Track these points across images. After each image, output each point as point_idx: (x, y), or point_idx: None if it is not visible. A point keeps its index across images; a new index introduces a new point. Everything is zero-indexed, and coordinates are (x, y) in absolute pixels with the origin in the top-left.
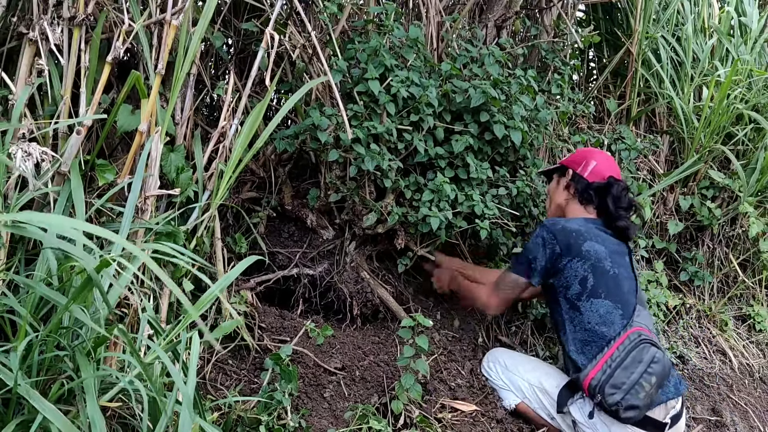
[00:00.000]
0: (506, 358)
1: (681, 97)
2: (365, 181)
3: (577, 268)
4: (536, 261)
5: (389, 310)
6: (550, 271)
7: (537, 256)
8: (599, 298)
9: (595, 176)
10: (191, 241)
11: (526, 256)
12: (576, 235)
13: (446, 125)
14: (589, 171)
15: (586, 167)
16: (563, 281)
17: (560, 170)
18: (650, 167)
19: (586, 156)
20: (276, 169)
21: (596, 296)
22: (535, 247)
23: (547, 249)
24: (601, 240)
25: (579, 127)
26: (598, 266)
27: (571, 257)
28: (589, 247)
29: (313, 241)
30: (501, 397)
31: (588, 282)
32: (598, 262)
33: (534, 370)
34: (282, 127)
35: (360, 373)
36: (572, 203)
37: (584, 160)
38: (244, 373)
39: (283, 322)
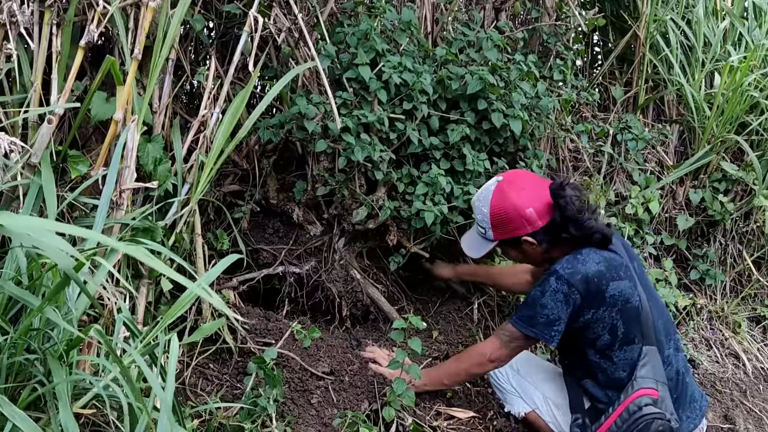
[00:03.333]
0: (519, 362)
1: (691, 83)
2: (355, 173)
3: (604, 317)
4: (560, 321)
5: (380, 311)
6: (572, 327)
7: (561, 316)
8: (632, 344)
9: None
10: (170, 237)
11: (545, 315)
12: (598, 281)
13: (441, 114)
14: (536, 218)
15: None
16: (589, 333)
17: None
18: (659, 159)
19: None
20: (260, 161)
21: (629, 342)
22: (556, 304)
23: (570, 305)
24: (623, 269)
25: (583, 115)
26: (626, 308)
27: (595, 308)
28: (614, 290)
29: (300, 238)
30: (507, 402)
31: (618, 330)
32: (626, 303)
33: (550, 380)
34: (266, 116)
35: (349, 378)
36: (566, 247)
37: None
38: (226, 377)
39: (268, 324)
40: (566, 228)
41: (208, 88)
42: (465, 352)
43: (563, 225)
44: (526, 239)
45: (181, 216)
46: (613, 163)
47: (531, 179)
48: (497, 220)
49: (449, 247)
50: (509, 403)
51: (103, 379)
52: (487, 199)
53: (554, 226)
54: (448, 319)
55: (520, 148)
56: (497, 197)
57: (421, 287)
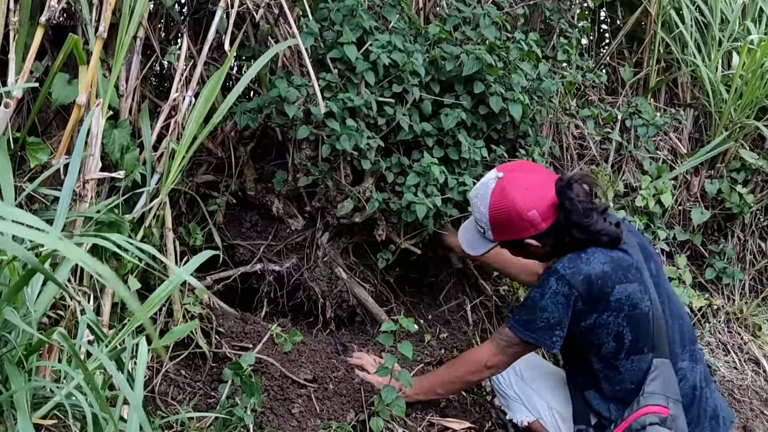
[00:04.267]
0: (523, 366)
1: (707, 64)
2: (340, 162)
3: (609, 323)
4: (561, 326)
5: (368, 313)
6: (572, 332)
7: (562, 320)
8: (641, 354)
9: (549, 216)
10: (138, 231)
11: (545, 319)
12: (602, 283)
13: (434, 97)
14: (540, 221)
15: (534, 224)
16: (592, 339)
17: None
18: (671, 146)
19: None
20: (236, 149)
21: (637, 352)
22: (556, 307)
23: (570, 307)
24: (632, 271)
25: (589, 99)
26: (634, 314)
27: (598, 313)
28: (620, 294)
29: (280, 232)
30: (510, 409)
31: (625, 337)
32: (634, 308)
33: (556, 388)
34: (243, 100)
35: (334, 385)
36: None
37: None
38: (200, 385)
39: (245, 326)
40: (570, 231)
41: (179, 69)
42: (459, 358)
43: (567, 228)
44: (529, 242)
45: (150, 209)
46: (622, 151)
47: (534, 175)
48: (497, 222)
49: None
50: (511, 411)
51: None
52: (486, 197)
53: (558, 227)
54: (442, 322)
55: (520, 134)
56: (497, 197)
57: (413, 287)
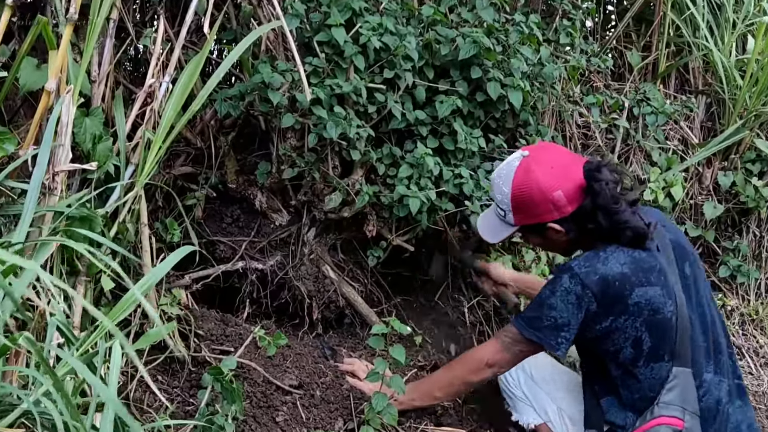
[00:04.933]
0: (534, 366)
1: (721, 48)
2: (327, 152)
3: (626, 327)
4: (569, 327)
5: (357, 314)
6: (585, 336)
7: (570, 320)
8: (661, 361)
9: (575, 200)
10: (111, 227)
11: (552, 317)
12: (620, 285)
13: (428, 83)
14: (566, 204)
15: (558, 206)
16: (608, 345)
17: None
18: (682, 135)
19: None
20: (216, 138)
21: (657, 359)
22: (566, 306)
23: (583, 310)
24: (654, 273)
25: (593, 85)
26: (655, 320)
27: (614, 316)
28: (639, 297)
29: (263, 228)
30: (516, 410)
31: (644, 344)
32: (654, 313)
33: (567, 391)
34: (224, 86)
35: (321, 392)
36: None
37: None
38: (177, 391)
39: (226, 329)
40: (595, 217)
41: (156, 53)
42: (459, 358)
43: (592, 213)
44: (552, 226)
45: (124, 203)
46: (629, 141)
47: (562, 155)
48: (519, 203)
49: (437, 238)
50: (518, 412)
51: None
52: (509, 177)
53: (584, 212)
54: (438, 324)
55: (520, 123)
56: (521, 176)
57: (406, 286)
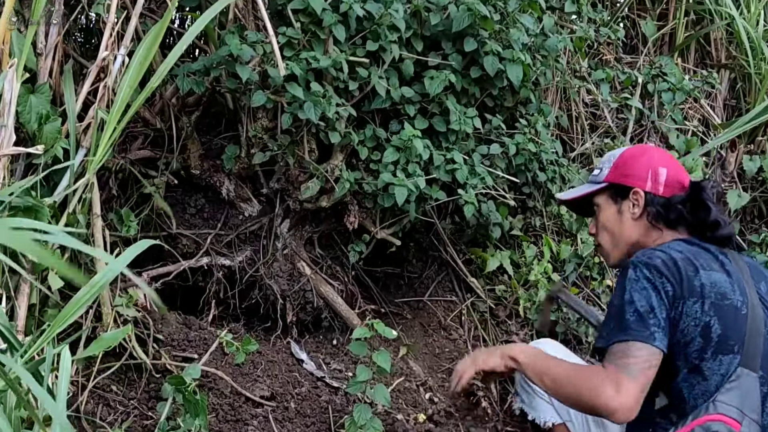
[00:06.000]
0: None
1: (746, 17)
2: (303, 134)
3: (695, 312)
4: (654, 313)
5: (337, 316)
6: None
7: (653, 305)
8: (730, 354)
9: (671, 188)
10: (60, 218)
11: (633, 311)
12: (684, 265)
13: (417, 57)
14: (663, 183)
15: (656, 179)
16: (679, 336)
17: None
18: (703, 115)
19: (646, 163)
20: (178, 119)
21: (726, 351)
22: (641, 294)
23: (662, 292)
24: (717, 265)
25: (603, 59)
26: (723, 305)
27: (684, 298)
28: (705, 279)
29: (231, 219)
30: (532, 408)
31: (713, 331)
32: (722, 298)
33: None
34: (187, 60)
35: (296, 404)
36: (654, 233)
37: (648, 170)
38: (134, 403)
39: (189, 333)
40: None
41: (110, 22)
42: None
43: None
44: (636, 191)
45: (74, 191)
46: (643, 122)
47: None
48: (622, 160)
49: (427, 232)
50: (534, 409)
51: None
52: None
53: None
54: (429, 327)
55: (520, 101)
56: (638, 147)
57: (391, 285)
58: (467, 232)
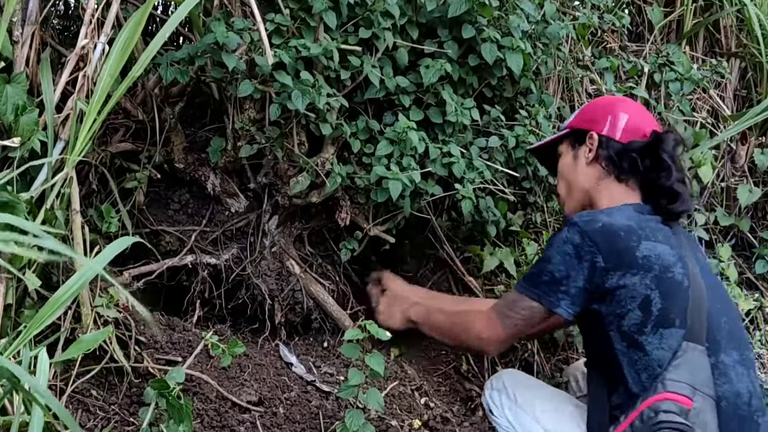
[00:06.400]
0: (517, 389)
1: (757, 3)
2: (293, 126)
3: (635, 285)
4: (568, 281)
5: (328, 317)
6: (591, 295)
7: (570, 274)
8: (672, 327)
9: (631, 134)
10: (37, 214)
11: (549, 272)
12: (626, 236)
13: (412, 44)
14: (621, 128)
15: (614, 124)
16: (615, 307)
17: (573, 137)
18: (712, 106)
19: (607, 108)
20: (161, 110)
21: (667, 324)
22: (565, 258)
23: (585, 262)
24: (662, 235)
25: (607, 47)
26: (666, 278)
27: (623, 271)
28: (648, 250)
29: (216, 216)
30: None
31: (653, 305)
32: (665, 271)
33: (556, 411)
34: (171, 48)
35: (285, 409)
36: (606, 182)
37: (608, 115)
38: (115, 408)
39: (172, 335)
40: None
41: (89, 9)
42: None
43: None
44: (591, 134)
45: (52, 186)
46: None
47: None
48: (588, 106)
49: (423, 229)
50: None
51: None
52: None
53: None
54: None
55: (520, 91)
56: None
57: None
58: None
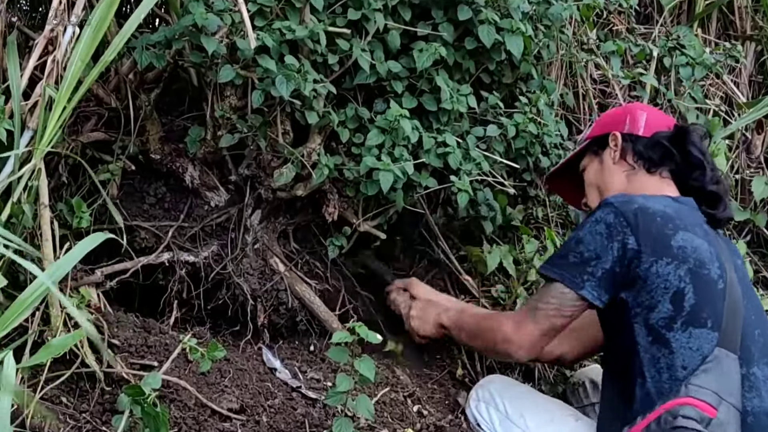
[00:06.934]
0: (506, 398)
1: None
2: (277, 114)
3: (668, 274)
4: (597, 262)
5: (315, 319)
6: (621, 280)
7: (599, 253)
8: (703, 328)
9: (653, 128)
10: (2, 209)
11: (579, 252)
12: (662, 222)
13: (404, 27)
14: (642, 125)
15: (635, 121)
16: (644, 297)
17: (594, 146)
18: (726, 93)
19: (623, 111)
20: (136, 97)
21: (698, 324)
22: (596, 238)
23: (615, 242)
24: (701, 230)
25: (614, 29)
26: (701, 274)
27: (656, 257)
28: (684, 241)
29: (195, 210)
30: None
31: (686, 299)
32: (700, 266)
33: (549, 423)
34: (146, 31)
35: (268, 417)
36: (638, 176)
37: (626, 115)
38: (87, 417)
39: (148, 338)
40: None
41: None
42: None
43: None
44: (614, 134)
45: (19, 178)
46: (659, 100)
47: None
48: (603, 116)
49: (416, 225)
50: None
51: None
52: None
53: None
54: None
55: (520, 77)
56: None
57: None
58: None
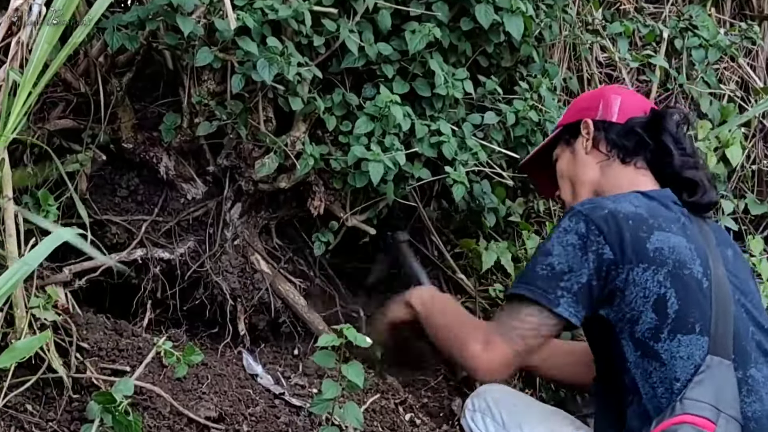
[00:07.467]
0: (503, 408)
1: None
2: (258, 100)
3: (646, 281)
4: (570, 275)
5: (299, 320)
6: (598, 295)
7: (572, 266)
8: (691, 334)
9: (628, 113)
10: None
11: (548, 264)
12: (635, 225)
13: (396, 6)
14: (616, 110)
15: (608, 107)
16: (625, 311)
17: (566, 134)
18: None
19: (596, 96)
20: (107, 82)
21: (686, 330)
22: (567, 250)
23: (590, 254)
24: (677, 226)
25: (621, 8)
26: (682, 275)
27: (632, 264)
28: (660, 242)
29: (170, 203)
30: None
31: (669, 305)
32: (680, 267)
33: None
34: (117, 10)
35: (249, 426)
36: (611, 168)
37: (599, 100)
38: (54, 425)
39: (119, 341)
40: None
41: None
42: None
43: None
44: (585, 122)
45: None
46: (669, 85)
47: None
48: (574, 103)
49: (408, 219)
50: None
51: None
52: None
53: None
54: None
55: (520, 60)
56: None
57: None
58: (455, 218)
